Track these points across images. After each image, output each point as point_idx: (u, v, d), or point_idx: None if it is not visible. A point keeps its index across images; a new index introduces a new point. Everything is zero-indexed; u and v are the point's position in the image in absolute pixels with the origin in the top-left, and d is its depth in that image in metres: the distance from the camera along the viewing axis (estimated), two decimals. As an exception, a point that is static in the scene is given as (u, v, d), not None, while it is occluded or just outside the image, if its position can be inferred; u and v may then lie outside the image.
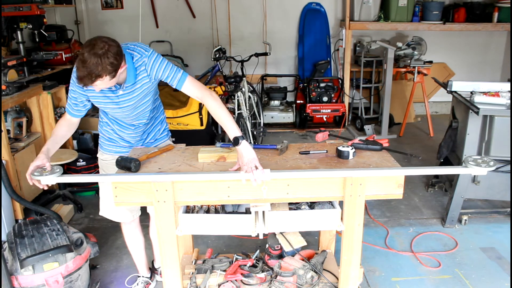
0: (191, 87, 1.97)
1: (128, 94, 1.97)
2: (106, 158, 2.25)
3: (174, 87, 1.98)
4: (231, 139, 1.84)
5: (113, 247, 3.04)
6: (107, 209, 2.33)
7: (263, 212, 1.89)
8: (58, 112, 3.91)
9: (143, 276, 2.63)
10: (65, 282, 2.28)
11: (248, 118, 4.50)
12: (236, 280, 2.19)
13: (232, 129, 1.86)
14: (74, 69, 1.89)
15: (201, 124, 3.96)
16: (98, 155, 2.31)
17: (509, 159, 3.02)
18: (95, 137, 4.74)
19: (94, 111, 5.19)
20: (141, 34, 4.04)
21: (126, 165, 1.84)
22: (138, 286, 2.60)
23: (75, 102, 2.02)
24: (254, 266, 2.29)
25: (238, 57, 5.09)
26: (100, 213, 2.36)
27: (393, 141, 5.20)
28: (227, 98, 4.59)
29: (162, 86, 4.45)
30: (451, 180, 3.41)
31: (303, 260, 2.23)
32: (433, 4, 5.56)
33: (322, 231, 2.46)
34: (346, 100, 5.70)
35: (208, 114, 4.12)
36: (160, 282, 2.64)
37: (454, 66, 6.23)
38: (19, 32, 3.89)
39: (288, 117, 5.83)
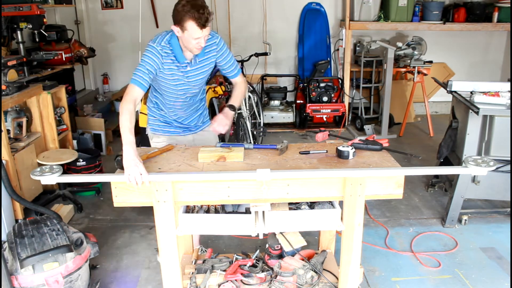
0: (241, 79, 2.43)
1: (195, 70, 2.24)
2: (162, 140, 2.41)
3: (230, 74, 2.38)
4: (228, 103, 2.35)
5: (113, 247, 3.04)
6: None
7: (263, 212, 1.89)
8: (58, 112, 3.91)
9: None
10: (65, 282, 2.28)
11: (248, 118, 4.50)
12: (236, 280, 2.19)
13: (234, 100, 2.38)
14: (155, 46, 2.11)
15: (201, 124, 3.95)
16: (151, 141, 2.48)
17: (509, 159, 3.02)
18: (95, 137, 4.74)
19: (93, 110, 5.22)
20: (141, 34, 4.03)
21: (126, 165, 1.84)
22: None
23: (150, 75, 2.10)
24: (254, 266, 2.29)
25: (238, 57, 5.08)
26: None
27: (393, 141, 5.20)
28: (227, 98, 4.59)
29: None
30: (451, 180, 3.41)
31: (303, 260, 2.23)
32: (433, 4, 5.56)
33: (322, 231, 2.46)
34: (346, 100, 5.70)
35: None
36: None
37: (454, 66, 6.23)
38: (19, 32, 3.89)
39: (288, 117, 5.83)
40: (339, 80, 5.64)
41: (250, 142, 4.22)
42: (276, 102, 5.93)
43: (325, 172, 1.81)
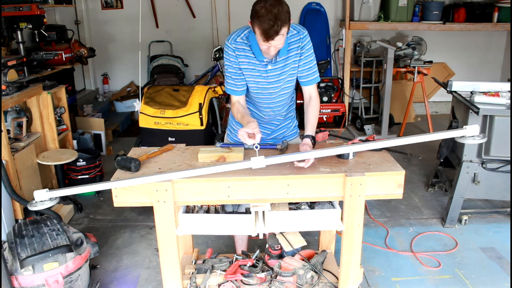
0: (314, 89, 2.15)
1: (276, 70, 2.05)
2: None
3: (302, 79, 2.11)
4: (305, 134, 2.05)
5: (113, 247, 3.04)
6: None
7: (263, 212, 1.89)
8: (58, 112, 3.91)
9: None
10: (65, 282, 2.28)
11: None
12: (236, 280, 2.19)
13: (310, 129, 2.08)
14: (228, 44, 2.01)
15: (201, 124, 3.95)
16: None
17: (509, 159, 3.02)
18: (95, 137, 4.75)
19: (93, 110, 5.22)
20: (141, 34, 4.03)
21: (126, 165, 1.84)
22: None
23: (237, 78, 2.06)
24: (254, 266, 2.28)
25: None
26: None
27: (393, 141, 5.19)
28: (227, 98, 4.59)
29: (162, 86, 4.47)
30: (451, 180, 3.41)
31: (303, 260, 2.22)
32: (433, 4, 5.56)
33: (322, 231, 2.46)
34: (346, 100, 5.70)
35: (208, 114, 4.11)
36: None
37: (454, 66, 6.23)
38: (19, 32, 3.89)
39: (288, 117, 5.82)
40: (339, 80, 5.64)
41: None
42: (276, 102, 5.92)
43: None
